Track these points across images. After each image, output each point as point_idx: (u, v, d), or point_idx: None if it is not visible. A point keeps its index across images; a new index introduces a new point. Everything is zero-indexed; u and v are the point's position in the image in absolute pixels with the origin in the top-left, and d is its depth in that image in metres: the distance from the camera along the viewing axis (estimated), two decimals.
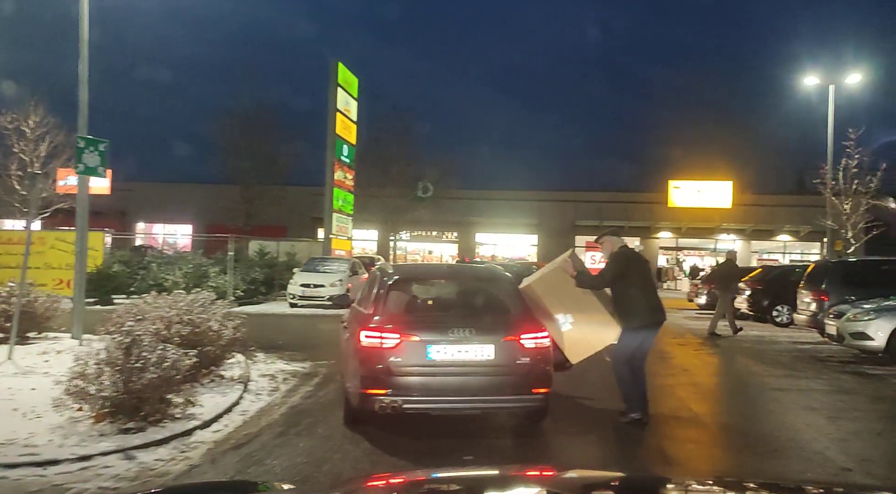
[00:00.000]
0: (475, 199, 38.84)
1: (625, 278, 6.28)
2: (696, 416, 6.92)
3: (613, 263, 6.39)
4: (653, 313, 6.30)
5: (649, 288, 6.45)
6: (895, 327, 10.39)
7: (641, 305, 6.25)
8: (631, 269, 6.34)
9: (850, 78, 23.92)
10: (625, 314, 6.27)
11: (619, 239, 6.69)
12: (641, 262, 6.60)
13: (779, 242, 37.63)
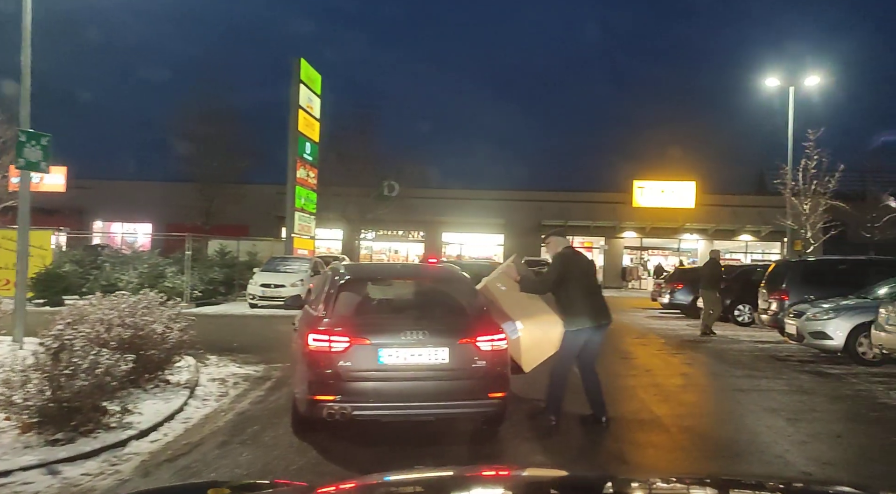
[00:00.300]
0: (442, 199, 38.69)
1: (568, 279, 6.15)
2: (657, 419, 6.79)
3: (556, 265, 6.27)
4: (596, 315, 6.17)
5: (593, 289, 6.32)
6: (853, 326, 10.44)
7: (584, 307, 6.12)
8: (574, 270, 6.21)
9: (809, 80, 24.29)
10: (568, 316, 6.14)
11: (565, 239, 6.56)
12: (585, 263, 6.46)
13: (741, 242, 38.18)
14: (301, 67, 23.49)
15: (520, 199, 39.13)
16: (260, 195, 32.06)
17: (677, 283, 20.05)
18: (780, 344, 12.71)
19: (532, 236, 38.94)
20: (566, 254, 6.36)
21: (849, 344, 10.45)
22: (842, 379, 9.16)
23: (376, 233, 41.10)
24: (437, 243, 40.45)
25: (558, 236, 6.58)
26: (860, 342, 10.40)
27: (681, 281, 20.08)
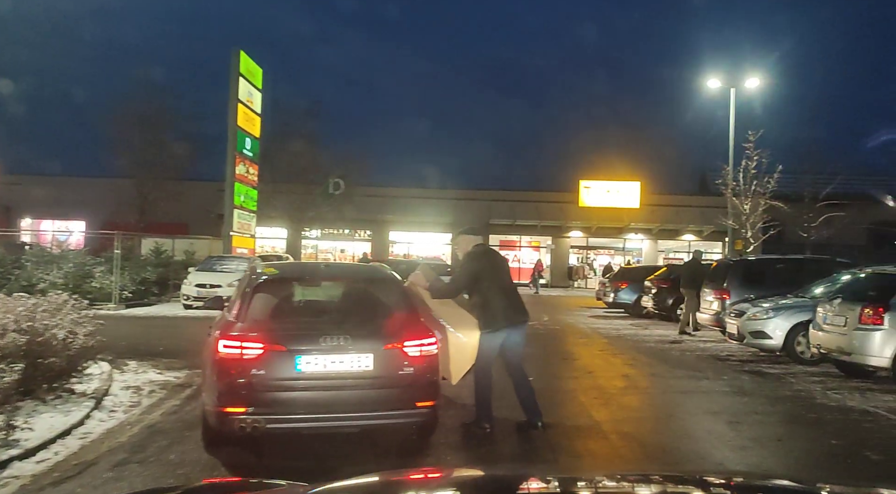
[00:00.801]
0: (389, 197, 38.27)
1: (481, 278, 5.86)
2: (597, 425, 6.52)
3: (467, 264, 5.97)
4: (513, 314, 5.90)
5: (507, 286, 6.03)
6: (792, 325, 10.45)
7: (500, 306, 5.84)
8: (486, 268, 5.92)
9: (750, 81, 24.69)
10: (483, 316, 5.85)
11: (475, 237, 6.26)
12: (498, 260, 6.17)
13: (683, 241, 38.76)
14: (240, 60, 22.68)
15: (468, 199, 38.92)
16: (201, 192, 30.97)
17: (621, 282, 20.09)
18: (721, 343, 12.71)
19: (481, 235, 38.79)
20: (478, 253, 6.06)
21: (788, 343, 10.46)
22: (781, 380, 9.11)
23: (322, 231, 40.36)
24: (385, 242, 39.96)
25: (468, 234, 6.28)
26: (798, 341, 10.41)
27: (624, 280, 20.14)
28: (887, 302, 8.23)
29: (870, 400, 7.79)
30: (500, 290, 5.92)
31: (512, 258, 40.42)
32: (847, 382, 8.96)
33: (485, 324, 5.84)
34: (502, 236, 39.85)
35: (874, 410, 7.31)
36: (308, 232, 40.27)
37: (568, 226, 38.61)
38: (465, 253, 6.10)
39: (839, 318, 8.76)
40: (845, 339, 8.54)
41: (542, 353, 11.42)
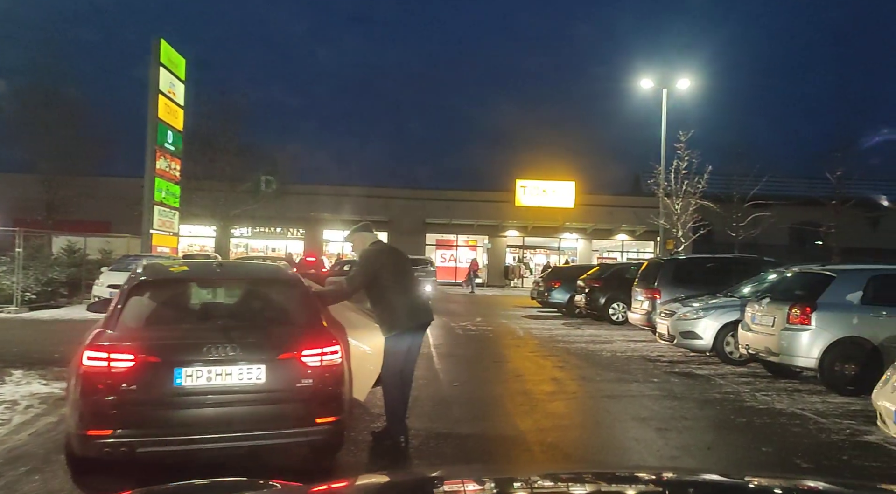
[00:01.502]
0: (323, 195, 37.43)
1: (379, 278, 5.37)
2: (521, 435, 6.11)
3: (363, 263, 5.47)
4: (416, 314, 5.44)
5: (409, 285, 5.57)
6: (721, 325, 10.34)
7: (402, 307, 5.37)
8: (385, 267, 5.43)
9: (681, 82, 25.00)
10: (385, 319, 5.37)
11: (372, 234, 5.76)
12: (398, 257, 5.67)
13: (617, 241, 39.25)
14: (161, 49, 21.55)
15: (404, 197, 38.41)
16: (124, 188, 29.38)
17: (554, 282, 19.92)
18: (651, 343, 12.57)
19: (417, 234, 38.34)
20: (375, 250, 5.55)
21: (717, 343, 10.34)
22: (710, 381, 8.93)
23: (252, 229, 39.13)
24: (318, 241, 39.01)
25: (363, 231, 5.77)
26: (727, 341, 10.30)
27: (558, 279, 19.98)
28: (814, 302, 8.12)
29: (797, 402, 7.65)
30: (403, 290, 5.43)
31: (448, 257, 40.14)
32: (775, 383, 8.85)
33: (389, 328, 5.35)
34: (438, 235, 39.50)
35: (802, 413, 7.14)
36: (237, 230, 39.14)
37: (504, 226, 38.53)
38: (362, 251, 5.58)
39: (767, 318, 8.63)
40: (773, 340, 8.40)
41: (472, 356, 11.00)
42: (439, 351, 11.25)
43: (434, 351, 11.19)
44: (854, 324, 8.04)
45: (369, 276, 5.37)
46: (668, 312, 11.11)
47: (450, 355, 10.86)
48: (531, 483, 1.96)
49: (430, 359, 10.21)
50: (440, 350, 11.36)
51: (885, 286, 8.31)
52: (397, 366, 5.36)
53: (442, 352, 11.09)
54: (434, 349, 11.43)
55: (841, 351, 8.02)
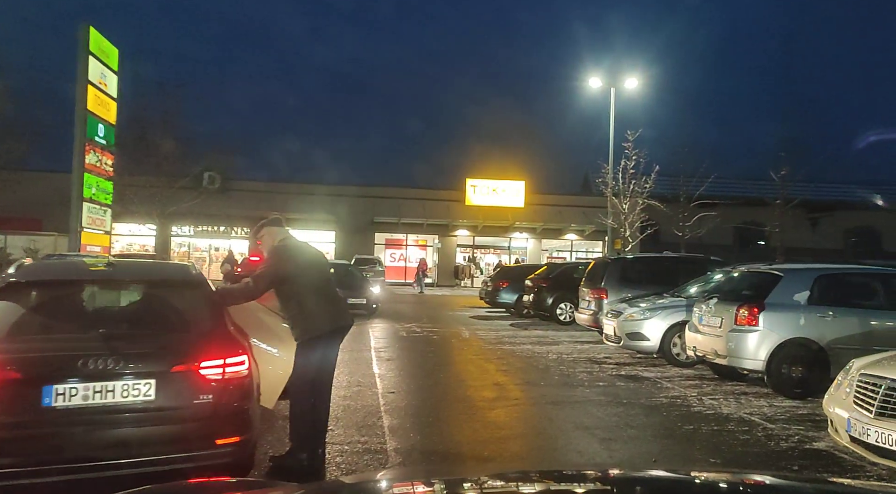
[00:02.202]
0: (269, 192, 36.46)
1: (290, 278, 4.83)
2: (455, 448, 5.65)
3: (273, 261, 4.92)
4: (332, 318, 4.92)
5: (324, 286, 5.02)
6: (668, 326, 10.09)
7: (317, 309, 4.83)
8: (298, 265, 4.89)
9: (629, 82, 25.01)
10: (296, 323, 4.84)
11: (282, 229, 5.19)
12: (311, 254, 5.16)
13: (566, 241, 39.27)
14: (90, 36, 20.36)
15: (352, 195, 37.67)
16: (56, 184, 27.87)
17: (502, 282, 19.58)
18: (598, 344, 12.29)
19: (365, 234, 37.68)
20: (286, 247, 4.99)
21: (664, 345, 10.09)
22: (657, 385, 8.64)
23: (195, 228, 37.86)
24: None
25: (272, 226, 5.19)
26: (674, 342, 10.06)
27: (505, 279, 19.65)
28: (762, 302, 7.89)
29: (744, 406, 7.39)
30: (317, 291, 4.89)
31: (398, 257, 39.55)
32: (722, 385, 8.61)
33: (300, 333, 4.80)
34: (388, 234, 38.89)
35: (749, 418, 6.87)
36: (179, 229, 37.80)
37: (454, 225, 38.14)
38: (270, 248, 5.03)
39: (715, 319, 8.38)
40: (721, 342, 8.14)
41: (414, 360, 10.52)
42: (380, 355, 10.73)
43: (375, 355, 10.67)
44: (801, 325, 7.84)
45: (278, 275, 4.82)
46: (615, 313, 10.82)
47: (391, 359, 10.36)
48: (481, 484, 1.93)
49: (368, 365, 9.69)
50: (381, 354, 10.84)
51: (831, 285, 8.14)
52: (308, 376, 4.81)
53: (383, 356, 10.58)
54: (375, 353, 10.91)
55: (788, 353, 7.81)
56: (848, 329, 7.81)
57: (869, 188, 39.96)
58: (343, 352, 10.88)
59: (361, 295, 16.81)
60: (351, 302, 15.59)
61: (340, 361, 10.12)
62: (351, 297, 15.70)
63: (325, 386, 5.01)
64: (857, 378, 4.86)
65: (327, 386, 5.04)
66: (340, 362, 10.09)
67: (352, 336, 12.51)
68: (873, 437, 4.45)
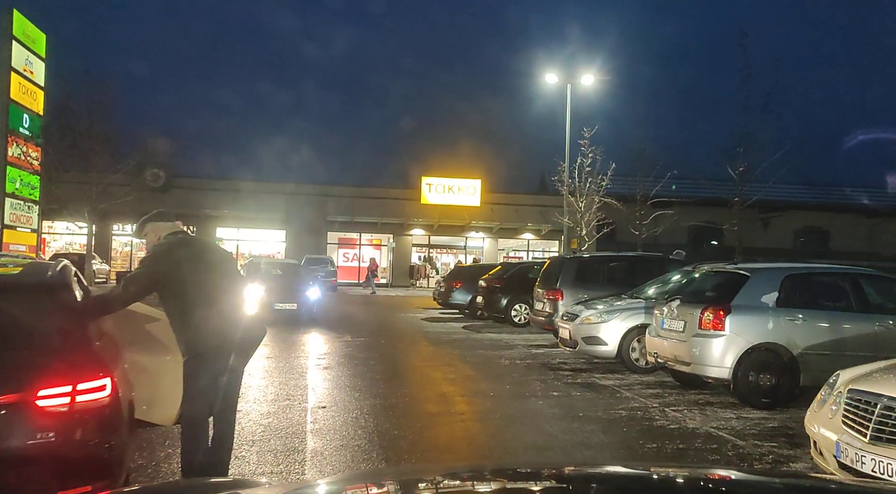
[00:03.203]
0: (216, 190, 35.08)
1: (171, 281, 3.94)
2: None
3: (148, 260, 4.05)
4: (225, 331, 4.00)
5: (219, 291, 4.09)
6: (626, 330, 9.45)
7: (209, 320, 3.93)
8: (183, 266, 3.99)
9: (585, 78, 24.52)
10: (183, 336, 3.96)
11: (170, 223, 4.24)
12: (204, 253, 4.27)
13: (523, 240, 38.76)
14: (14, 21, 19.01)
15: (303, 194, 36.49)
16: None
17: (455, 282, 18.82)
18: (554, 349, 11.61)
19: (317, 233, 36.53)
20: (168, 244, 4.09)
21: (622, 349, 9.44)
22: (616, 394, 7.96)
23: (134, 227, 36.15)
24: (211, 239, 36.47)
25: (157, 220, 4.25)
26: (633, 347, 9.42)
27: (459, 279, 18.89)
28: (728, 305, 7.27)
29: (711, 419, 6.75)
30: (209, 297, 3.98)
31: (351, 257, 38.48)
32: (685, 394, 7.97)
33: (186, 348, 3.92)
34: (340, 233, 37.82)
35: (717, 433, 6.22)
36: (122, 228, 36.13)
37: (410, 224, 37.26)
38: (155, 244, 4.16)
39: (677, 323, 7.73)
40: (684, 347, 7.50)
41: (354, 368, 9.65)
42: (318, 363, 9.85)
43: (310, 364, 9.78)
44: (769, 329, 7.24)
45: (153, 278, 3.94)
46: (570, 315, 10.14)
47: (329, 368, 9.48)
48: (437, 484, 1.88)
49: (302, 374, 8.80)
50: (319, 362, 9.96)
51: (800, 286, 7.58)
52: (198, 401, 3.94)
53: (321, 365, 9.70)
54: (311, 361, 10.02)
55: (756, 360, 7.19)
56: (819, 333, 7.25)
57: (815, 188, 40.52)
58: (276, 361, 10.05)
59: (291, 299, 15.00)
60: (279, 307, 14.43)
61: (272, 370, 9.27)
62: (279, 302, 14.53)
63: (226, 411, 4.13)
64: (845, 394, 4.21)
65: (228, 410, 4.16)
66: (272, 371, 9.24)
67: (289, 343, 11.66)
68: (869, 466, 3.79)
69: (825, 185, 41.67)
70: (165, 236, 4.11)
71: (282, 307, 14.57)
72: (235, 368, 4.09)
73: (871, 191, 41.16)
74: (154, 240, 4.14)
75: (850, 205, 40.79)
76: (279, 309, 14.39)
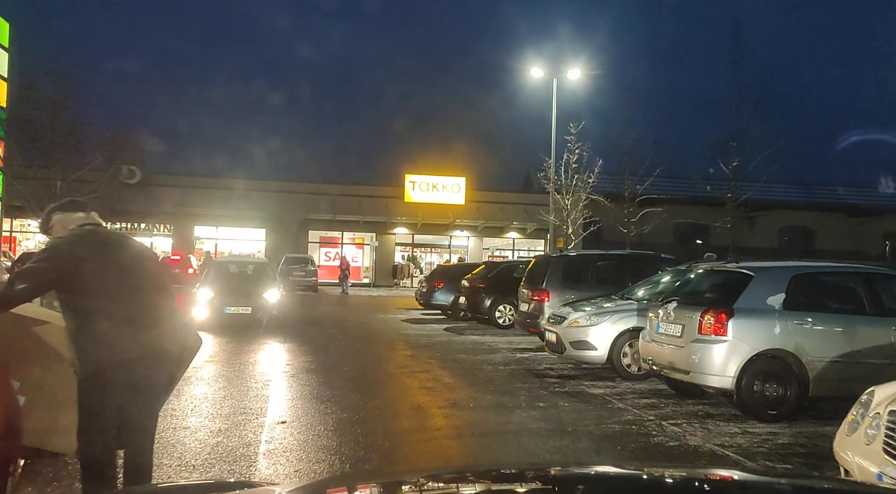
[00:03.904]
0: (194, 187, 34.19)
1: (76, 279, 3.21)
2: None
3: (49, 253, 3.29)
4: (143, 340, 3.28)
5: (135, 293, 3.38)
6: (618, 334, 8.77)
7: (114, 328, 3.20)
8: (91, 262, 3.26)
9: (571, 73, 23.89)
10: (81, 347, 3.21)
11: (80, 215, 3.44)
12: (120, 249, 3.53)
13: (508, 239, 38.12)
14: None
15: (284, 191, 35.64)
16: None
17: (437, 282, 18.10)
18: (539, 353, 10.92)
19: (297, 231, 35.67)
20: (72, 238, 3.33)
21: (613, 354, 8.77)
22: (607, 405, 7.28)
23: (111, 225, 35.17)
24: (189, 238, 35.54)
25: (65, 211, 3.45)
26: (625, 352, 8.75)
27: (441, 279, 18.17)
28: (730, 308, 6.60)
29: (713, 435, 6.08)
30: (116, 302, 3.24)
31: (333, 256, 37.59)
32: (682, 405, 7.31)
33: (84, 364, 3.17)
34: (322, 232, 36.97)
35: (722, 452, 5.55)
36: None
37: (393, 222, 36.48)
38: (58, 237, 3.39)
39: (674, 327, 7.06)
40: (682, 354, 6.83)
41: (323, 376, 8.90)
42: (286, 370, 9.10)
43: (277, 372, 9.03)
44: (776, 334, 6.58)
45: (52, 274, 3.17)
46: (558, 318, 9.45)
47: (295, 376, 8.73)
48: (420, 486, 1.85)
49: (265, 385, 8.05)
50: (287, 369, 9.21)
51: (808, 287, 6.93)
52: (99, 430, 3.18)
53: (288, 372, 8.96)
54: (279, 368, 9.26)
55: (761, 368, 6.54)
56: (830, 339, 6.61)
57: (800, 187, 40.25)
58: (240, 368, 9.25)
59: (245, 302, 13.22)
60: (230, 311, 13.04)
61: (232, 379, 8.51)
62: (231, 305, 13.09)
63: (139, 439, 3.39)
64: (885, 416, 3.54)
65: (142, 437, 3.41)
66: (233, 380, 8.48)
67: (247, 351, 10.72)
68: None
69: (811, 185, 41.45)
70: (74, 226, 3.35)
71: (233, 311, 13.02)
72: (152, 387, 3.35)
73: (858, 191, 41.02)
74: (61, 230, 3.39)
75: (836, 205, 40.62)
76: (231, 314, 13.04)
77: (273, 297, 13.57)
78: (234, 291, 13.42)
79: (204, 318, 12.76)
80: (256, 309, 13.19)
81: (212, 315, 12.87)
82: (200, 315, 12.74)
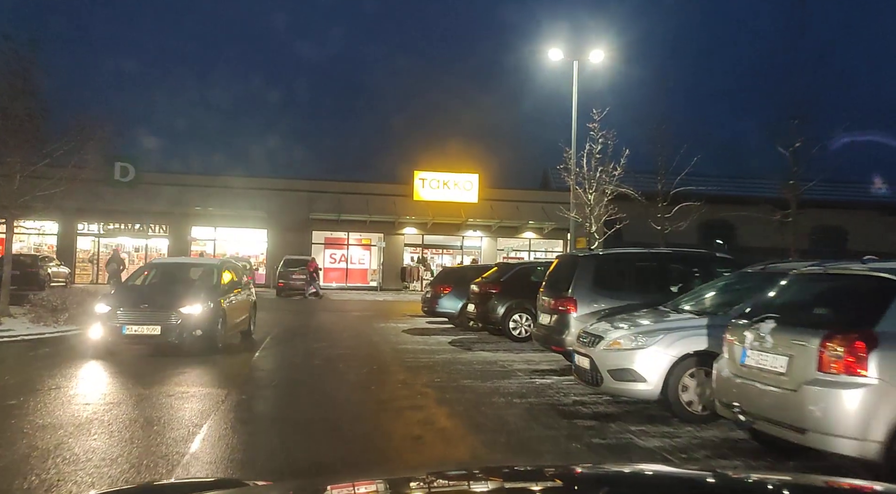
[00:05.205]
0: (191, 185, 32.33)
1: None
2: None
3: None
4: None
5: None
6: (675, 360, 6.44)
7: None
8: None
9: (594, 54, 21.54)
10: None
11: None
12: None
13: (524, 239, 35.81)
14: None
15: (286, 189, 33.66)
16: None
17: (444, 287, 15.80)
18: (565, 377, 8.63)
19: (301, 231, 33.63)
20: None
21: (668, 388, 6.44)
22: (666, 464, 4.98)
23: (104, 226, 33.35)
24: (186, 239, 33.64)
25: None
26: (685, 385, 6.43)
27: (447, 283, 15.87)
28: (871, 331, 4.28)
29: None
30: None
31: (339, 257, 35.46)
32: (779, 467, 4.99)
33: None
34: (327, 232, 34.85)
35: None
36: (90, 227, 33.36)
37: (402, 222, 34.31)
38: None
39: (775, 358, 4.75)
40: (792, 401, 4.51)
41: (291, 408, 6.66)
42: (236, 405, 6.88)
43: (220, 407, 6.79)
44: None
45: None
46: (591, 337, 7.11)
47: (245, 422, 6.51)
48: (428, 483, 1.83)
49: (185, 440, 5.82)
50: (241, 404, 6.99)
51: None
52: None
53: (242, 405, 6.74)
54: (221, 404, 7.02)
55: None
56: None
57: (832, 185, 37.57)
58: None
59: (152, 320, 9.84)
60: (129, 332, 9.81)
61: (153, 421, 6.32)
62: (131, 324, 9.81)
63: None
64: None
65: None
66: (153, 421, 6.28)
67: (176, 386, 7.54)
68: None
69: (841, 182, 38.66)
70: None
71: (135, 331, 9.80)
72: None
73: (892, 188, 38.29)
74: None
75: (868, 202, 38.00)
76: (131, 335, 9.85)
77: (195, 311, 9.95)
78: (142, 304, 10.14)
79: (97, 341, 9.92)
80: (168, 330, 9.78)
81: (108, 337, 9.85)
82: (94, 336, 9.96)
